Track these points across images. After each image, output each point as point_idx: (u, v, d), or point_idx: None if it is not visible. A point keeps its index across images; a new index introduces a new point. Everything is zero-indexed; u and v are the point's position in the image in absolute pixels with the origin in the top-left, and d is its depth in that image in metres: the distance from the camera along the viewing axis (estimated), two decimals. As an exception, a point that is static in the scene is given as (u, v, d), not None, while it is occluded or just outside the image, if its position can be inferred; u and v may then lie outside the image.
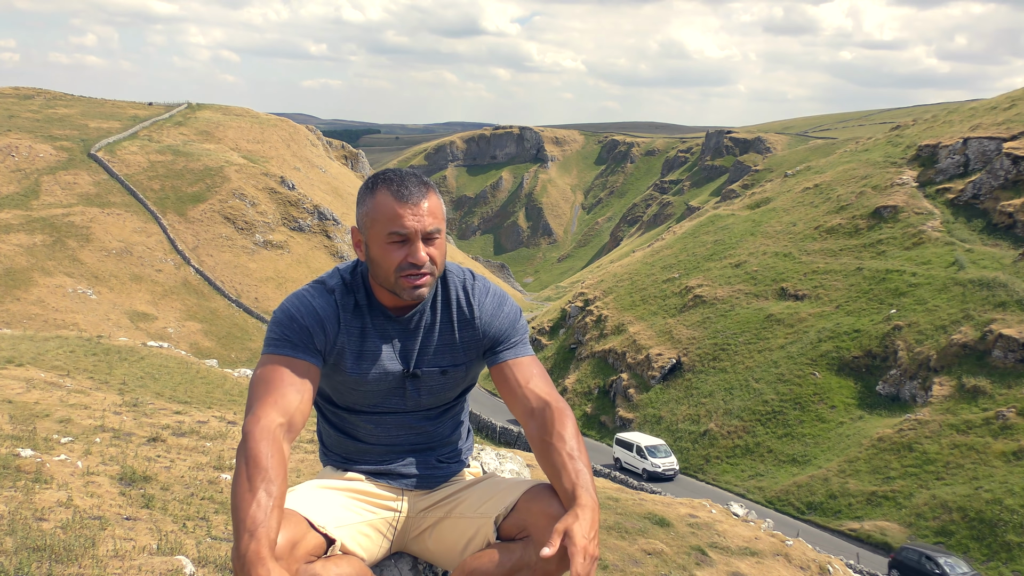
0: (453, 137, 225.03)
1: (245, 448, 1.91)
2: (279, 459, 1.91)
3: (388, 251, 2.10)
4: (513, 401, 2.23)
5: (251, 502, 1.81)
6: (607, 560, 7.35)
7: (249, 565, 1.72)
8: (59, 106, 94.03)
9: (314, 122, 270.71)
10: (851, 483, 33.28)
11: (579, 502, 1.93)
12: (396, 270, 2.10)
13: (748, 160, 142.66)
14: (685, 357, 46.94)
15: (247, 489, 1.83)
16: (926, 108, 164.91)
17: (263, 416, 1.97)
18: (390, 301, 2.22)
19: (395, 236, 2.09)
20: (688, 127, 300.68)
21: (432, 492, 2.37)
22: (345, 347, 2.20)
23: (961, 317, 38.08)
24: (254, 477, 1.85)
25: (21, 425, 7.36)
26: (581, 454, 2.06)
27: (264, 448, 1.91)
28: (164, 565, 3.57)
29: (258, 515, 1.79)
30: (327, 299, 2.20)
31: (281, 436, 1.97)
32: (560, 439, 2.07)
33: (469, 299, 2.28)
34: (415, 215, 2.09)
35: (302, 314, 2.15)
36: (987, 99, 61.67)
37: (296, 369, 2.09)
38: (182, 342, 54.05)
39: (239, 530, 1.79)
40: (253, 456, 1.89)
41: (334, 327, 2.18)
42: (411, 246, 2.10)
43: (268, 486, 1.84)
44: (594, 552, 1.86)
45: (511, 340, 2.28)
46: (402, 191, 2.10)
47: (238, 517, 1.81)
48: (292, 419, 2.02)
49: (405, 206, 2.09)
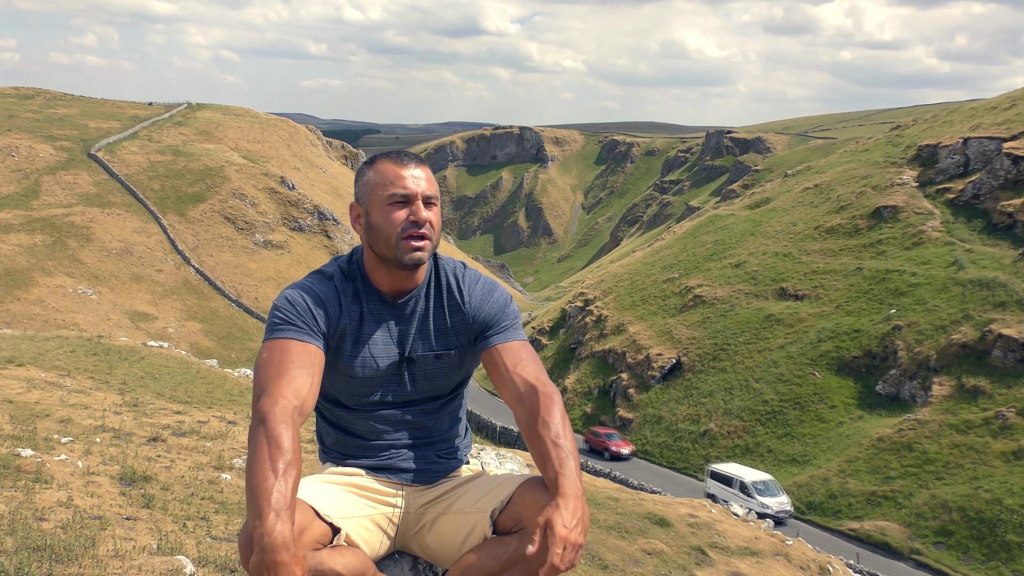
0: (453, 137, 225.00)
1: (265, 429, 1.88)
2: (298, 444, 1.90)
3: (389, 212, 2.19)
4: (502, 386, 2.24)
5: (275, 482, 1.77)
6: (607, 560, 7.35)
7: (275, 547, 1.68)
8: (59, 106, 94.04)
9: (314, 122, 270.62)
10: (851, 483, 33.28)
11: (561, 491, 1.93)
12: (398, 231, 2.17)
13: (748, 160, 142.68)
14: (685, 357, 46.94)
15: (270, 469, 1.79)
16: (926, 108, 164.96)
17: (280, 397, 1.96)
18: (387, 286, 2.27)
19: (396, 197, 2.18)
20: (688, 127, 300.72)
21: (431, 488, 2.38)
22: (347, 330, 2.24)
23: (961, 317, 38.08)
24: (276, 458, 1.82)
25: (21, 425, 7.36)
26: (566, 439, 2.05)
27: (284, 430, 1.88)
28: (164, 565, 3.57)
29: (284, 496, 1.76)
30: (327, 285, 2.26)
31: (296, 420, 1.96)
32: (545, 425, 2.07)
33: (460, 285, 2.35)
34: (415, 177, 2.20)
35: (304, 298, 2.19)
36: (987, 99, 61.65)
37: (304, 352, 2.10)
38: (182, 342, 54.06)
39: (262, 508, 1.73)
40: (275, 438, 1.86)
41: (336, 310, 2.22)
42: (412, 205, 2.18)
43: (289, 469, 1.82)
44: (576, 540, 1.86)
45: (500, 324, 2.31)
46: (400, 158, 2.23)
47: (262, 495, 1.75)
48: (304, 403, 2.02)
49: (405, 168, 2.20)
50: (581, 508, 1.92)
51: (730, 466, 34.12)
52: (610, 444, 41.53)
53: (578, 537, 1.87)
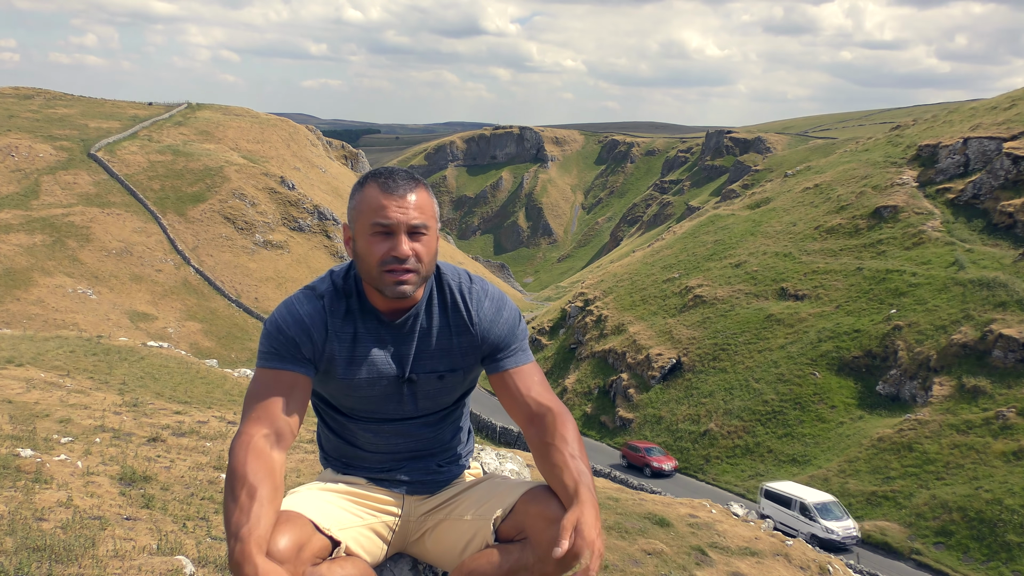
0: (453, 137, 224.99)
1: (228, 465, 1.96)
2: (260, 464, 1.94)
3: (371, 243, 2.07)
4: (515, 408, 2.22)
5: (233, 510, 1.84)
6: (607, 560, 7.35)
7: (236, 566, 1.75)
8: (59, 106, 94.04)
9: (314, 122, 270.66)
10: (851, 483, 33.28)
11: (581, 498, 1.92)
12: (379, 264, 2.06)
13: (748, 160, 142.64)
14: (685, 357, 46.93)
15: (230, 500, 1.88)
16: (926, 108, 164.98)
17: (244, 432, 2.01)
18: (383, 304, 2.18)
19: (378, 227, 2.05)
20: (688, 127, 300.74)
21: (432, 496, 2.36)
22: (335, 353, 2.16)
23: (961, 317, 38.08)
24: (235, 487, 1.89)
25: (21, 425, 7.36)
26: (582, 456, 2.06)
27: (242, 457, 1.94)
28: (164, 565, 3.57)
29: (241, 519, 1.82)
30: (315, 306, 2.16)
31: (265, 445, 2.00)
32: (563, 440, 2.07)
33: (467, 303, 2.24)
34: (400, 207, 2.05)
35: (288, 324, 2.14)
36: (987, 99, 61.65)
37: (283, 380, 2.10)
38: (182, 342, 54.05)
39: (228, 538, 1.82)
40: (232, 469, 1.93)
41: (321, 334, 2.15)
42: (394, 239, 2.05)
43: (249, 490, 1.87)
44: (601, 548, 1.86)
45: (511, 347, 2.25)
46: (389, 183, 2.08)
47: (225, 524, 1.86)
48: (279, 429, 2.04)
49: (390, 198, 2.05)
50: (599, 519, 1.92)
51: (786, 485, 31.42)
52: (651, 459, 38.70)
53: (602, 545, 1.87)
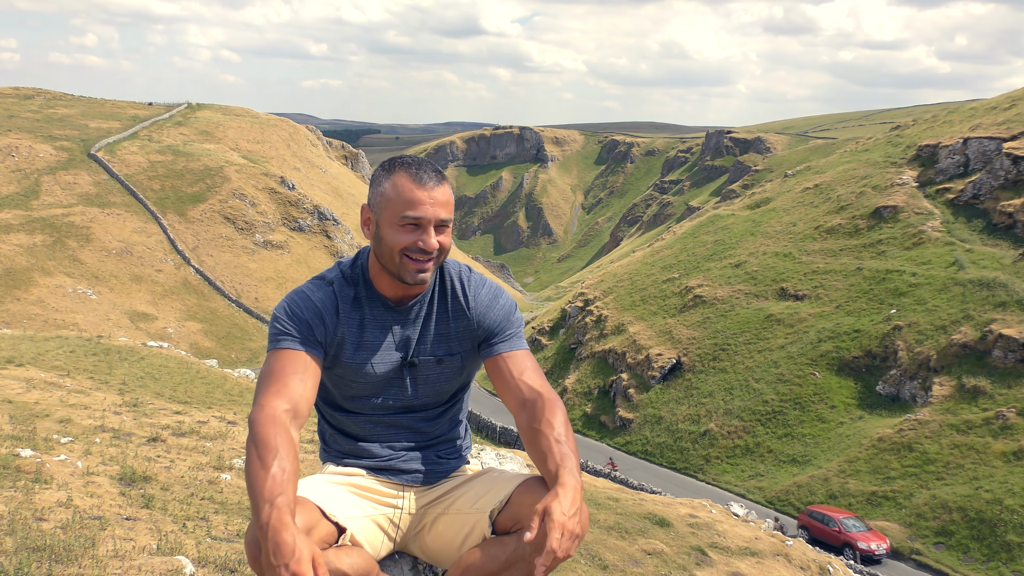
0: (453, 137, 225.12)
1: (253, 435, 1.94)
2: (287, 439, 1.94)
3: (399, 232, 2.14)
4: (506, 392, 2.27)
5: (266, 477, 1.83)
6: (607, 560, 7.34)
7: (273, 531, 1.72)
8: (59, 106, 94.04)
9: (314, 122, 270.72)
10: (851, 483, 33.28)
11: (560, 481, 1.94)
12: (402, 250, 2.14)
13: (748, 160, 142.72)
14: (685, 357, 46.94)
15: (260, 467, 1.85)
16: (926, 108, 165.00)
17: (266, 404, 2.02)
18: (390, 291, 2.26)
19: (409, 219, 2.13)
20: (688, 127, 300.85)
21: (432, 488, 2.39)
22: (345, 338, 2.23)
23: (961, 317, 38.08)
24: (265, 456, 1.88)
25: (21, 425, 7.36)
26: (568, 440, 2.08)
27: (271, 431, 1.94)
28: (164, 565, 3.57)
29: (275, 487, 1.81)
30: (326, 292, 2.25)
31: (287, 420, 2.00)
32: (548, 425, 2.10)
33: (465, 290, 2.33)
34: (432, 202, 2.13)
35: (301, 308, 2.20)
36: (987, 99, 61.65)
37: (298, 359, 2.13)
38: (182, 342, 54.06)
39: (258, 503, 1.79)
40: (261, 439, 1.92)
41: (333, 319, 2.22)
42: (423, 232, 2.14)
43: (281, 462, 1.87)
44: (574, 528, 1.86)
45: (506, 332, 2.32)
46: (421, 175, 2.15)
47: (255, 492, 1.82)
48: (297, 405, 2.06)
49: (422, 190, 2.13)
50: (580, 500, 1.92)
51: None
52: (853, 538, 27.75)
53: (575, 526, 1.86)
